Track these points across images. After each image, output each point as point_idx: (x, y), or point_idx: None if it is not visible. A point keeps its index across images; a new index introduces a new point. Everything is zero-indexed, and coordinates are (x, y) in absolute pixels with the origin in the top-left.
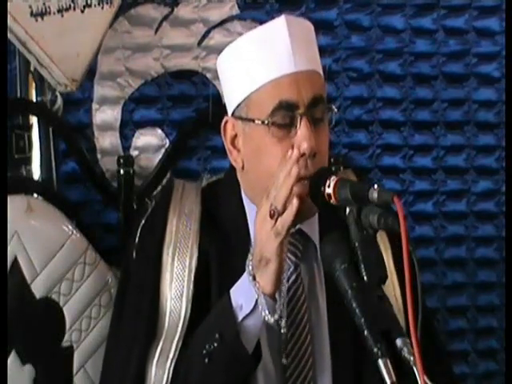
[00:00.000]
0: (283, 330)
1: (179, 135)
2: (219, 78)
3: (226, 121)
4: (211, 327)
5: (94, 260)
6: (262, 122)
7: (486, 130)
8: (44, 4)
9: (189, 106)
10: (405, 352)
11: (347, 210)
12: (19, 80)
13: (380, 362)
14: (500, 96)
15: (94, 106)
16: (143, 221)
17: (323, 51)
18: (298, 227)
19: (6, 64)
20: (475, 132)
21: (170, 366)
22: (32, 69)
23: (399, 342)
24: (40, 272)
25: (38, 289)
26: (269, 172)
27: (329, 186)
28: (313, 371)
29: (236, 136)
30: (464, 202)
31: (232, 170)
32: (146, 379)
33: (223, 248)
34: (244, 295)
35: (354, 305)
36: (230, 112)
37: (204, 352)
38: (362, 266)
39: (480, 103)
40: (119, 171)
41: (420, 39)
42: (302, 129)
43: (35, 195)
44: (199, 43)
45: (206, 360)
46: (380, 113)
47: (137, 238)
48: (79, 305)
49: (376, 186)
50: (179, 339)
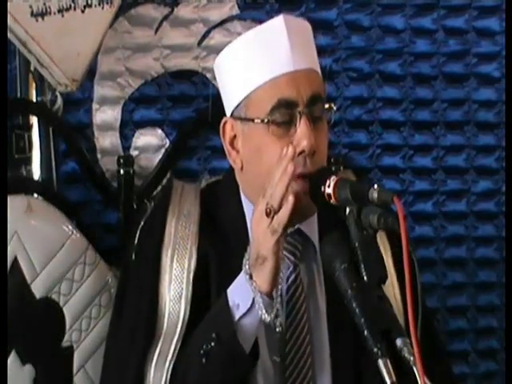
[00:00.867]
0: (278, 329)
1: (179, 135)
2: (217, 80)
3: (225, 122)
4: (208, 327)
5: (94, 260)
6: (262, 121)
7: (486, 130)
8: (44, 4)
9: (189, 106)
10: (405, 352)
11: (347, 210)
12: (19, 80)
13: (380, 362)
14: (500, 96)
15: (94, 106)
16: (142, 222)
17: (323, 51)
18: (297, 227)
19: (6, 64)
20: (475, 132)
21: (169, 368)
22: (32, 69)
23: (399, 342)
24: (40, 272)
25: (38, 289)
26: (268, 171)
27: (329, 186)
28: (312, 371)
29: (235, 137)
30: (464, 202)
31: (231, 171)
32: (145, 381)
33: (222, 249)
34: (241, 294)
35: (354, 305)
36: (229, 113)
37: (201, 352)
38: (362, 266)
39: (480, 103)
40: (119, 171)
41: (420, 39)
42: (302, 126)
43: (35, 195)
44: (199, 43)
45: (204, 360)
46: (380, 113)
47: (136, 240)
48: (79, 305)
49: (376, 186)
50: (178, 341)
